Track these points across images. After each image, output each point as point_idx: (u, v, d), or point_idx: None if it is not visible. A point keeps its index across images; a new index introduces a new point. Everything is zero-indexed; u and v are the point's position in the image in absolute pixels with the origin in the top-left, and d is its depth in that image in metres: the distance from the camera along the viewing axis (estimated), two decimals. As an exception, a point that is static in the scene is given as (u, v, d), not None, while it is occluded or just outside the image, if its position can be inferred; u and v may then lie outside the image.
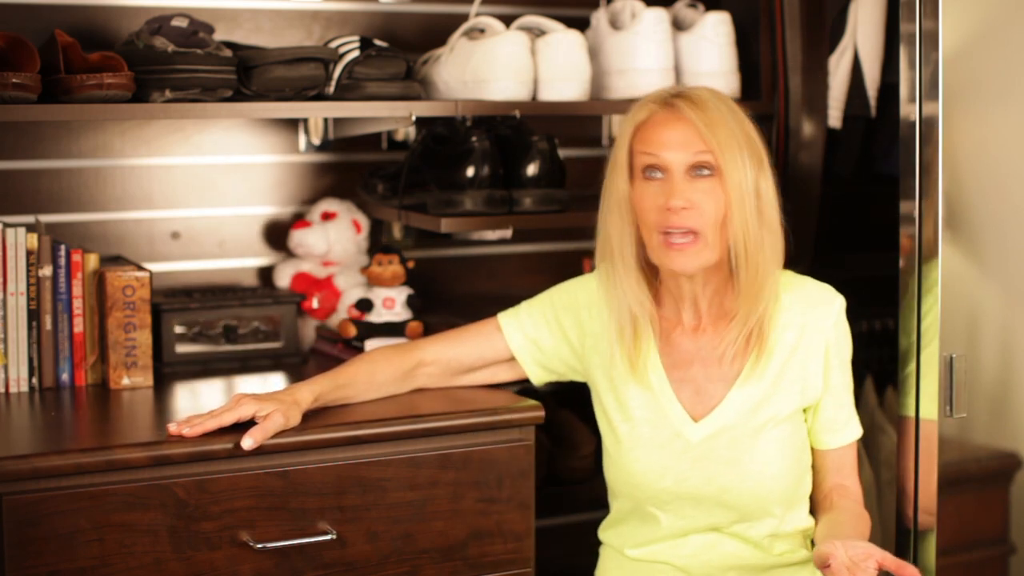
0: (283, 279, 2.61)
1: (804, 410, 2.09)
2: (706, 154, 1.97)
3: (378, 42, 2.37)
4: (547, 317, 2.17)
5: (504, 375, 2.23)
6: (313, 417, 2.07)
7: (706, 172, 1.98)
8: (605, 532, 2.19)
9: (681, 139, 1.98)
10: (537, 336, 2.17)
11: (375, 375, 2.13)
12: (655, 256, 2.02)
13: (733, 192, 1.96)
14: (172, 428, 1.92)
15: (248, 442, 1.91)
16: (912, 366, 2.25)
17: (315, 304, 2.57)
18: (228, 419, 1.93)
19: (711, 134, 1.96)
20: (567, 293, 2.18)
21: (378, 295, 2.45)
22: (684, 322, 2.09)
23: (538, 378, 2.21)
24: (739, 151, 1.97)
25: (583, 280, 2.17)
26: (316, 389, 2.04)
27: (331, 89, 2.31)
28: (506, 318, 2.19)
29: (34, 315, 2.24)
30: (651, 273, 2.08)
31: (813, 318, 2.06)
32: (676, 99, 2.00)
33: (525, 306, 2.20)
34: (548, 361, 2.18)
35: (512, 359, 2.20)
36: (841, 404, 2.09)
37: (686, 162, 1.98)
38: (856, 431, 2.12)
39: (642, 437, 2.07)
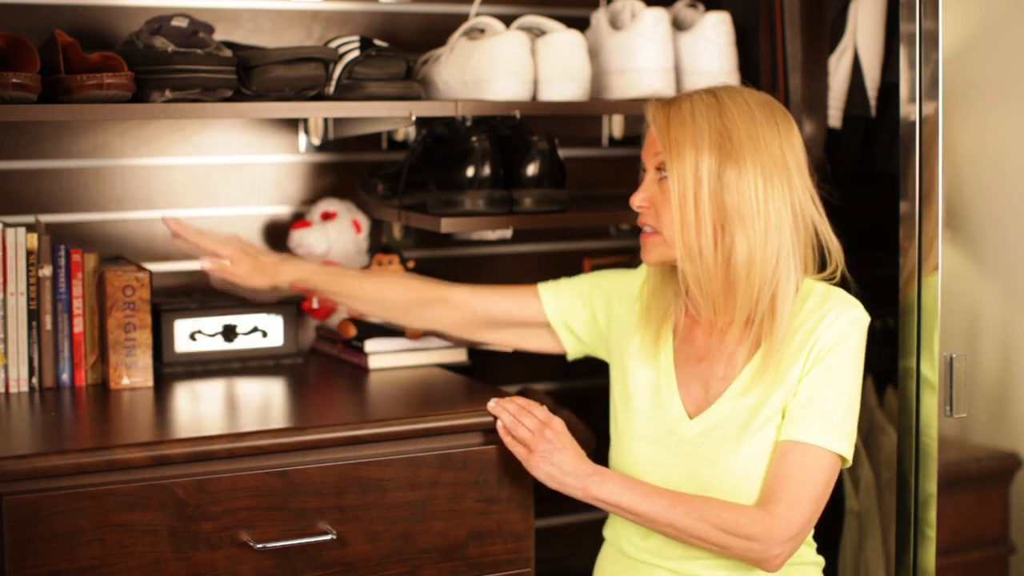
0: (283, 279, 2.61)
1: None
2: (661, 155, 2.01)
3: (378, 42, 2.37)
4: (582, 293, 2.22)
5: (528, 342, 2.26)
6: (313, 417, 2.07)
7: (665, 173, 2.01)
8: (606, 528, 2.19)
9: (649, 141, 2.04)
10: (572, 306, 2.22)
11: (385, 292, 2.23)
12: None
13: (673, 192, 1.98)
14: (171, 223, 2.22)
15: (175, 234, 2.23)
16: (912, 366, 2.25)
17: (315, 304, 2.57)
18: (207, 246, 2.22)
19: (662, 135, 2.00)
20: (605, 279, 2.23)
21: (378, 295, 2.45)
22: (703, 319, 2.10)
23: (573, 348, 2.25)
24: (691, 152, 1.96)
25: (627, 272, 2.21)
26: (305, 274, 2.26)
27: (331, 89, 2.31)
28: (545, 287, 2.24)
29: (34, 315, 2.24)
30: None
31: (818, 323, 2.02)
32: (658, 100, 2.05)
33: (564, 280, 2.25)
34: (581, 333, 2.23)
35: (542, 325, 2.23)
36: (802, 404, 1.98)
37: (652, 163, 2.04)
38: (818, 440, 1.95)
39: (640, 430, 2.08)
